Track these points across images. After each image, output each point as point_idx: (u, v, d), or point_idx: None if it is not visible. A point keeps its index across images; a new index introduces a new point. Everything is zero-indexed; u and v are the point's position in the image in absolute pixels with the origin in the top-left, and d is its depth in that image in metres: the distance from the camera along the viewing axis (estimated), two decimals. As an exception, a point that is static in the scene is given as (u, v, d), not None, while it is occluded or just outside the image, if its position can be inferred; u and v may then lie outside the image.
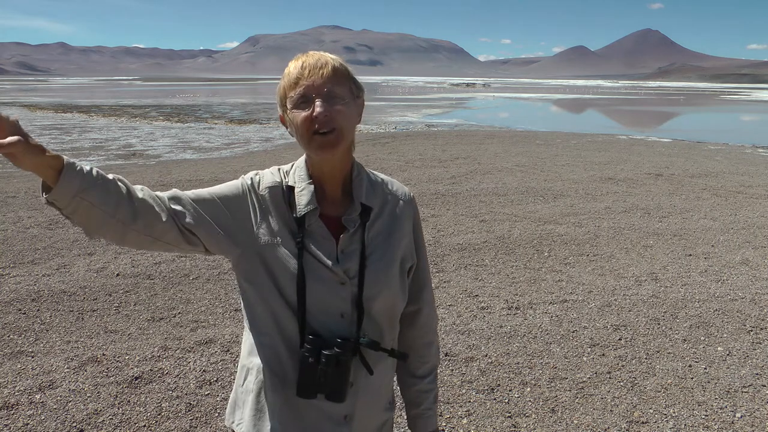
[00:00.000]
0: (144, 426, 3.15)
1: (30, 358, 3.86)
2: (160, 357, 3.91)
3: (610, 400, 3.50)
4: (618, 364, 3.95)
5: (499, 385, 3.66)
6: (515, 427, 3.24)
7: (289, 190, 1.34)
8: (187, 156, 14.87)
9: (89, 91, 68.02)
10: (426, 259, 1.49)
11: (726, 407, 3.45)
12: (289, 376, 1.32)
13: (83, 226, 1.15)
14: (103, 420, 3.18)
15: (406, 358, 1.41)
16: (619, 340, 4.32)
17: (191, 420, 3.22)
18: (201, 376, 3.67)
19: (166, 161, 13.83)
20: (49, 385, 3.50)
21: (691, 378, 3.79)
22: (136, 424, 3.17)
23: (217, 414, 3.28)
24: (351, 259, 1.32)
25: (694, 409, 3.43)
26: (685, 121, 37.29)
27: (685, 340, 4.34)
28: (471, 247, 6.63)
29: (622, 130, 25.20)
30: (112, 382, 3.56)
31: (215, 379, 3.65)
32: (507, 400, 3.49)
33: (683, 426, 3.27)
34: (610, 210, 8.61)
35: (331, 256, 1.30)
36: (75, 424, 3.14)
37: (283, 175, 1.36)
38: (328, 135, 1.25)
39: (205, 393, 3.49)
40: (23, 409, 3.25)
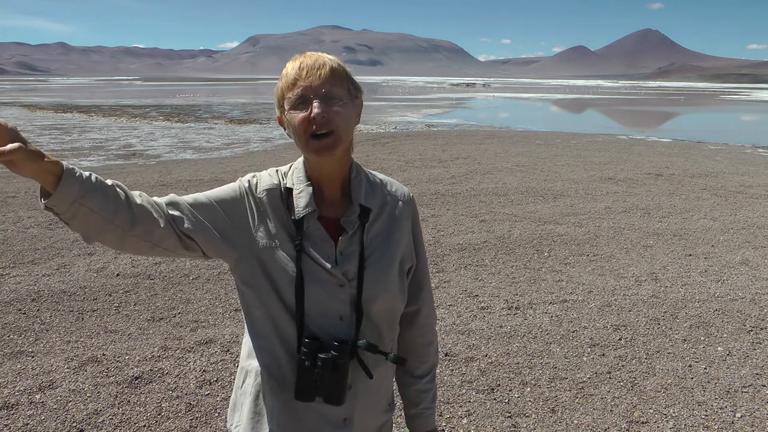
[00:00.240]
0: (144, 426, 3.15)
1: (30, 358, 3.87)
2: (160, 357, 3.91)
3: (610, 400, 3.50)
4: (618, 364, 3.95)
5: (499, 385, 3.66)
6: (515, 427, 3.24)
7: (288, 192, 1.32)
8: (187, 156, 14.87)
9: (89, 91, 68.00)
10: (425, 260, 1.48)
11: (726, 407, 3.45)
12: (287, 379, 1.31)
13: (82, 232, 1.14)
14: (103, 420, 3.19)
15: (404, 363, 1.40)
16: (619, 340, 4.32)
17: (191, 420, 3.22)
18: (201, 376, 3.67)
19: (166, 161, 13.83)
20: (49, 385, 3.50)
21: (691, 378, 3.79)
22: (136, 424, 3.17)
23: (217, 414, 3.28)
24: (350, 261, 1.30)
25: (694, 409, 3.43)
26: (685, 121, 37.28)
27: (685, 340, 4.34)
28: (471, 247, 6.63)
29: (622, 130, 25.19)
30: (112, 382, 3.56)
31: (215, 379, 3.65)
32: (507, 400, 3.49)
33: (683, 426, 3.27)
34: (610, 210, 8.62)
35: (329, 259, 1.29)
36: (75, 424, 3.14)
37: (281, 177, 1.35)
38: (326, 137, 1.23)
39: (205, 393, 3.49)
40: (23, 409, 3.25)
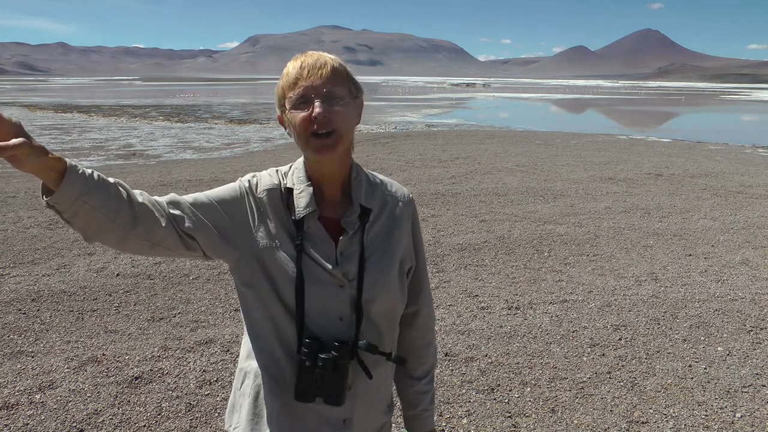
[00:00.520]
0: (144, 426, 3.15)
1: (30, 358, 3.86)
2: (160, 357, 3.91)
3: (610, 400, 3.50)
4: (618, 364, 3.95)
5: (499, 385, 3.66)
6: (515, 427, 3.24)
7: (288, 192, 1.32)
8: (187, 156, 14.87)
9: (89, 91, 67.99)
10: (424, 261, 1.48)
11: (726, 407, 3.45)
12: (287, 380, 1.31)
13: (83, 231, 1.13)
14: (103, 420, 3.18)
15: (404, 363, 1.39)
16: (619, 340, 4.32)
17: (191, 420, 3.22)
18: (201, 376, 3.67)
19: (166, 161, 13.83)
20: (49, 385, 3.50)
21: (691, 378, 3.79)
22: (136, 424, 3.17)
23: (217, 414, 3.28)
24: (350, 261, 1.30)
25: (694, 409, 3.43)
26: (685, 121, 37.28)
27: (685, 340, 4.34)
28: (471, 247, 6.63)
29: (622, 130, 25.19)
30: (112, 382, 3.56)
31: (215, 379, 3.65)
32: (507, 400, 3.49)
33: (683, 426, 3.27)
34: (610, 210, 8.61)
35: (330, 259, 1.29)
36: (75, 424, 3.14)
37: (281, 177, 1.34)
38: (327, 137, 1.23)
39: (205, 393, 3.49)
40: (23, 409, 3.25)
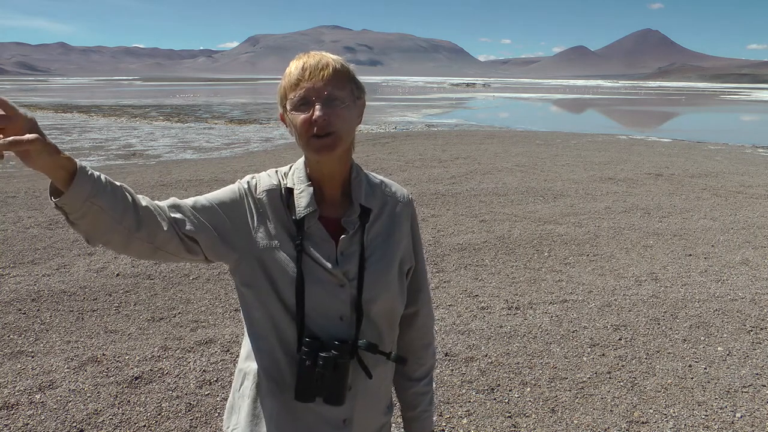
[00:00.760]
0: (144, 426, 3.16)
1: (30, 358, 3.86)
2: (160, 357, 3.91)
3: (610, 400, 3.50)
4: (618, 364, 3.95)
5: (499, 385, 3.66)
6: (515, 427, 3.24)
7: (288, 192, 1.32)
8: (187, 156, 14.87)
9: (89, 91, 68.00)
10: (424, 262, 1.49)
11: (726, 407, 3.45)
12: (286, 381, 1.31)
13: (87, 233, 1.12)
14: (103, 420, 3.19)
15: (405, 362, 1.39)
16: (619, 340, 4.32)
17: (191, 420, 3.22)
18: (201, 376, 3.67)
19: (166, 161, 13.83)
20: (49, 385, 3.50)
21: (691, 378, 3.79)
22: (136, 424, 3.17)
23: (217, 414, 3.28)
24: (350, 261, 1.30)
25: (694, 409, 3.43)
26: (685, 121, 37.28)
27: (685, 340, 4.34)
28: (471, 247, 6.63)
29: (622, 130, 25.20)
30: (112, 382, 3.56)
31: (215, 379, 3.65)
32: (507, 400, 3.49)
33: (683, 426, 3.27)
34: (610, 210, 8.61)
35: (330, 259, 1.29)
36: (75, 424, 3.14)
37: (281, 177, 1.35)
38: (327, 138, 1.24)
39: (205, 393, 3.49)
40: (23, 409, 3.25)
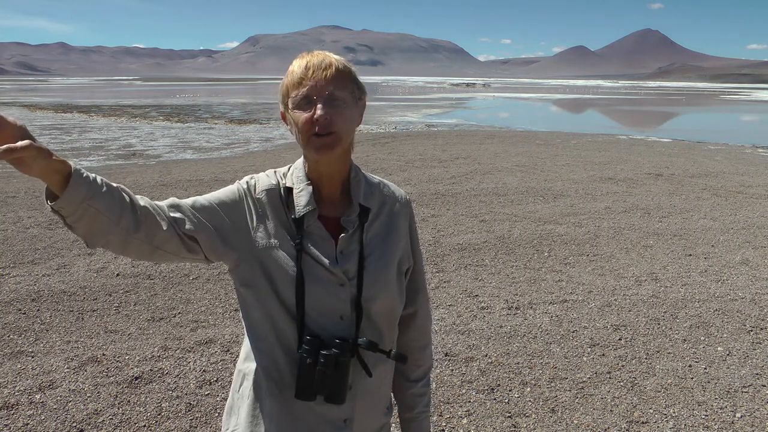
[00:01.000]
0: (144, 426, 3.16)
1: (30, 358, 3.86)
2: (160, 357, 3.91)
3: (610, 400, 3.50)
4: (618, 364, 3.95)
5: (499, 385, 3.65)
6: (515, 427, 3.24)
7: (287, 192, 1.33)
8: (187, 156, 14.88)
9: (89, 91, 68.01)
10: (421, 262, 1.49)
11: (726, 407, 3.45)
12: (286, 381, 1.31)
13: (85, 236, 1.12)
14: (103, 420, 3.19)
15: (405, 360, 1.39)
16: (619, 340, 4.32)
17: (191, 420, 3.22)
18: (201, 376, 3.67)
19: (166, 161, 13.83)
20: (49, 385, 3.50)
21: (691, 378, 3.79)
22: (136, 424, 3.17)
23: (217, 414, 3.28)
24: (350, 260, 1.31)
25: (694, 409, 3.43)
26: (685, 121, 37.29)
27: (685, 340, 4.34)
28: (471, 247, 6.63)
29: (622, 130, 25.20)
30: (112, 382, 3.56)
31: (215, 379, 3.65)
32: (507, 400, 3.49)
33: (683, 426, 3.27)
34: (610, 210, 8.61)
35: (330, 257, 1.30)
36: (75, 424, 3.14)
37: (280, 177, 1.36)
38: (327, 137, 1.25)
39: (205, 393, 3.49)
40: (23, 409, 3.25)
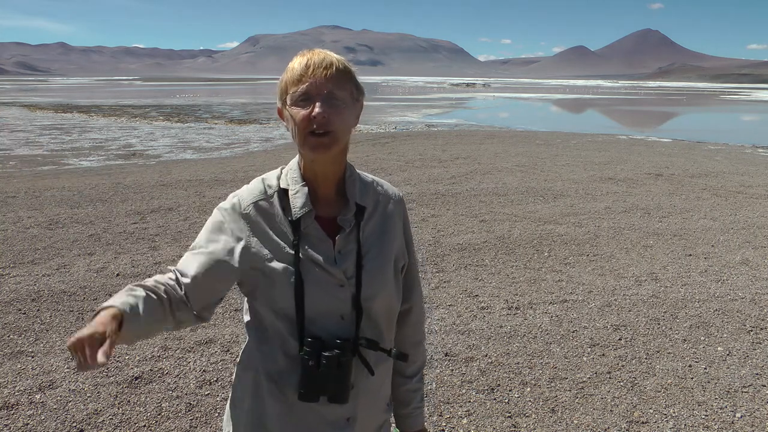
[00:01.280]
0: (144, 426, 3.16)
1: (30, 358, 3.86)
2: (160, 357, 3.91)
3: (610, 400, 3.50)
4: (618, 364, 3.95)
5: (499, 385, 3.65)
6: (515, 427, 3.24)
7: (283, 193, 1.33)
8: (187, 156, 14.88)
9: (89, 91, 68.03)
10: (415, 258, 1.50)
11: (726, 407, 3.45)
12: (288, 382, 1.31)
13: (141, 339, 1.27)
14: (103, 420, 3.19)
15: (406, 358, 1.40)
16: (619, 340, 4.32)
17: (191, 420, 3.22)
18: (201, 376, 3.67)
19: (166, 161, 13.83)
20: (49, 385, 3.50)
21: (691, 378, 3.79)
22: (136, 424, 3.17)
23: (217, 414, 3.28)
24: (348, 259, 1.31)
25: (694, 409, 3.43)
26: (685, 121, 37.29)
27: (685, 340, 4.34)
28: (471, 247, 6.63)
29: (622, 130, 25.20)
30: (112, 382, 3.56)
31: (215, 379, 3.65)
32: (507, 400, 3.49)
33: (683, 426, 3.27)
34: (610, 210, 8.61)
35: (329, 258, 1.30)
36: (75, 424, 3.14)
37: (268, 186, 1.35)
38: (323, 136, 1.24)
39: (205, 393, 3.49)
40: (23, 409, 3.25)
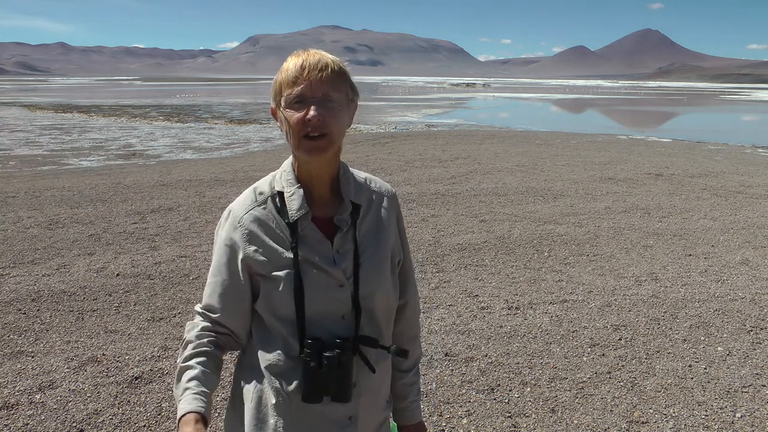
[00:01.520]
0: (144, 426, 3.15)
1: (30, 358, 3.86)
2: (160, 357, 3.91)
3: (610, 400, 3.50)
4: (618, 364, 3.95)
5: (499, 385, 3.65)
6: (515, 427, 3.23)
7: (278, 196, 1.33)
8: (187, 156, 14.88)
9: (89, 91, 68.05)
10: (409, 254, 1.52)
11: (726, 407, 3.45)
12: (290, 384, 1.32)
13: None
14: (103, 420, 3.18)
15: (406, 355, 1.41)
16: (619, 340, 4.32)
17: (191, 420, 3.21)
18: (201, 376, 3.66)
19: (166, 161, 13.83)
20: (49, 385, 3.50)
21: (691, 378, 3.79)
22: (136, 424, 3.17)
23: (216, 414, 3.28)
24: (346, 258, 1.32)
25: (694, 409, 3.43)
26: (685, 121, 37.30)
27: (685, 340, 4.34)
28: (471, 247, 6.63)
29: (622, 130, 25.20)
30: (112, 382, 3.56)
31: (215, 379, 3.65)
32: (507, 400, 3.49)
33: (683, 426, 3.27)
34: (610, 210, 8.61)
35: (328, 259, 1.31)
36: (75, 424, 3.14)
37: (264, 188, 1.36)
38: (319, 139, 1.24)
39: (205, 393, 3.48)
40: (23, 409, 3.25)
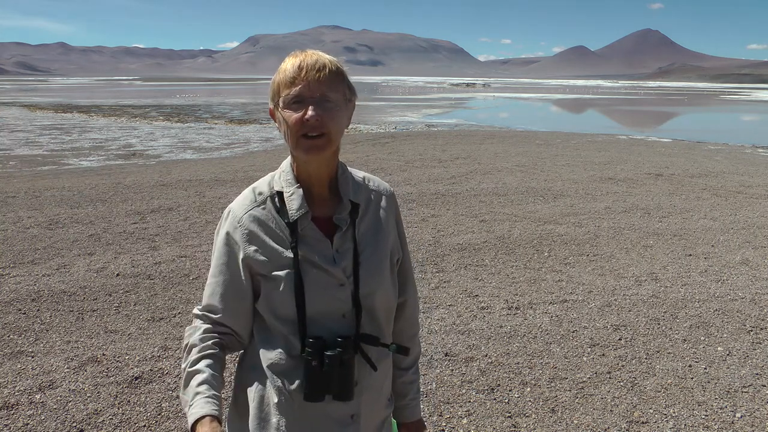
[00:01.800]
0: (144, 426, 3.16)
1: (30, 358, 3.86)
2: (160, 357, 3.91)
3: (610, 400, 3.50)
4: (618, 364, 3.95)
5: (499, 385, 3.65)
6: (515, 427, 3.24)
7: (277, 196, 1.34)
8: (187, 156, 14.88)
9: (89, 91, 68.08)
10: (408, 252, 1.52)
11: (726, 407, 3.45)
12: (291, 383, 1.32)
13: None
14: (103, 420, 3.19)
15: (406, 352, 1.42)
16: (619, 340, 4.32)
17: (191, 420, 3.22)
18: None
19: (166, 161, 13.84)
20: (49, 385, 3.50)
21: (691, 378, 3.79)
22: (136, 424, 3.17)
23: (217, 414, 3.28)
24: (346, 257, 1.33)
25: (694, 409, 3.43)
26: (685, 121, 37.31)
27: (685, 340, 4.34)
28: (471, 247, 6.63)
29: (622, 130, 25.21)
30: (112, 382, 3.56)
31: (215, 379, 3.65)
32: (507, 400, 3.49)
33: (683, 426, 3.27)
34: (610, 210, 8.61)
35: (328, 258, 1.31)
36: (75, 424, 3.14)
37: (263, 188, 1.36)
38: (318, 138, 1.25)
39: (205, 393, 3.49)
40: (23, 409, 3.25)
